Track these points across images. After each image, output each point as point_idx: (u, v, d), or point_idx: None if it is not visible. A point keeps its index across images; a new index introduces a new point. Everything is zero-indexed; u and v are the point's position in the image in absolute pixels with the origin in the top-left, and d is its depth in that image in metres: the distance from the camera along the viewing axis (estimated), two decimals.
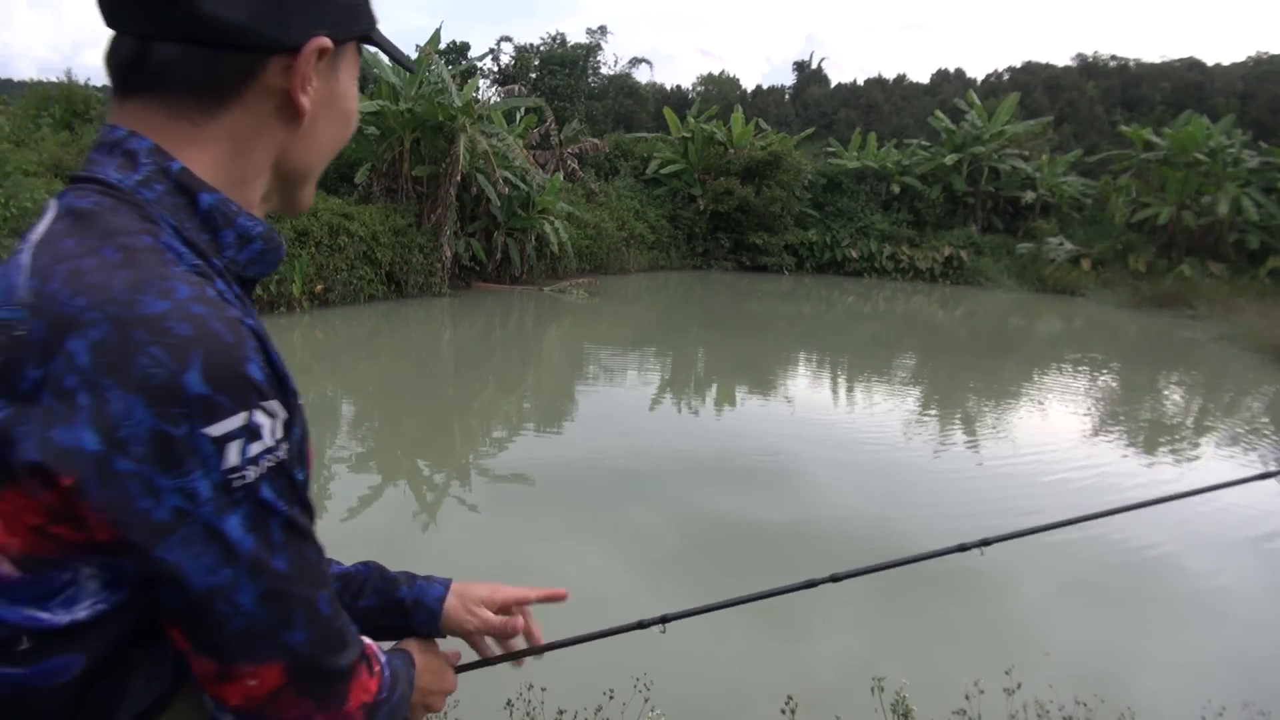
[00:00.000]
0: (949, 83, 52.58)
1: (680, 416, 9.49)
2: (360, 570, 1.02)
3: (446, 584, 1.03)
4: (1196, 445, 9.22)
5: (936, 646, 4.32)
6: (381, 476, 6.78)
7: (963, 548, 1.19)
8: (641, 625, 1.10)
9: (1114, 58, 57.44)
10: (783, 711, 2.29)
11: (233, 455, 0.58)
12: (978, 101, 27.32)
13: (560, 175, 19.37)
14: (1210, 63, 55.32)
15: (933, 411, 10.15)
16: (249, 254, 0.71)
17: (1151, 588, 5.31)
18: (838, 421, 9.46)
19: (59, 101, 16.61)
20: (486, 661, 1.05)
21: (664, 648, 4.06)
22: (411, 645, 0.94)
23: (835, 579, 1.14)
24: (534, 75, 29.48)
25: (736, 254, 24.64)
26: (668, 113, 25.81)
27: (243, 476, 0.59)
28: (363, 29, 0.76)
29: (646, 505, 6.29)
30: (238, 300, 0.68)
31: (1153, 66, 54.63)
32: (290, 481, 0.64)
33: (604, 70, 35.21)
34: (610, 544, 5.57)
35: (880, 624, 4.67)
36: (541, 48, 30.84)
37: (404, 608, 1.00)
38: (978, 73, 75.99)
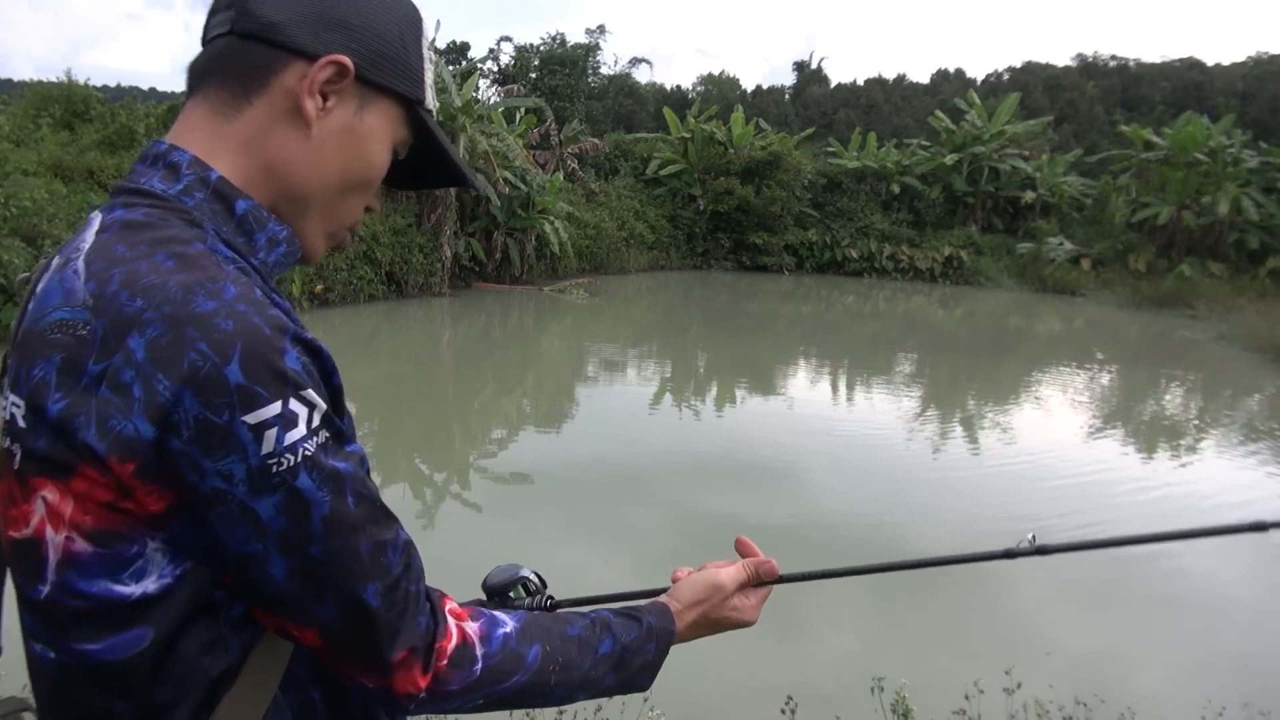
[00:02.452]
0: (949, 83, 52.60)
1: (680, 416, 9.49)
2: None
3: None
4: (1196, 446, 9.22)
5: (936, 646, 4.31)
6: (381, 476, 6.77)
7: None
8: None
9: (1114, 58, 57.53)
10: (783, 711, 2.29)
11: (269, 441, 0.62)
12: (978, 101, 27.33)
13: (560, 175, 19.38)
14: (1210, 63, 55.44)
15: (932, 411, 10.15)
16: (276, 255, 0.77)
17: (1151, 588, 5.30)
18: (837, 421, 9.45)
19: (59, 101, 16.61)
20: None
21: None
22: (685, 588, 0.98)
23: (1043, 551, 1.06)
24: (534, 75, 29.50)
25: (736, 254, 24.65)
26: (668, 113, 25.82)
27: (280, 462, 0.63)
28: (401, 88, 0.79)
29: (646, 505, 6.29)
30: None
31: (1153, 66, 54.69)
32: (329, 474, 0.66)
33: (604, 70, 35.28)
34: (610, 543, 5.57)
35: (880, 624, 4.67)
36: (541, 48, 30.87)
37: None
38: (978, 73, 76.10)
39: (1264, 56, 50.18)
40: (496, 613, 0.82)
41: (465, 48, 29.06)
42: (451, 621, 0.76)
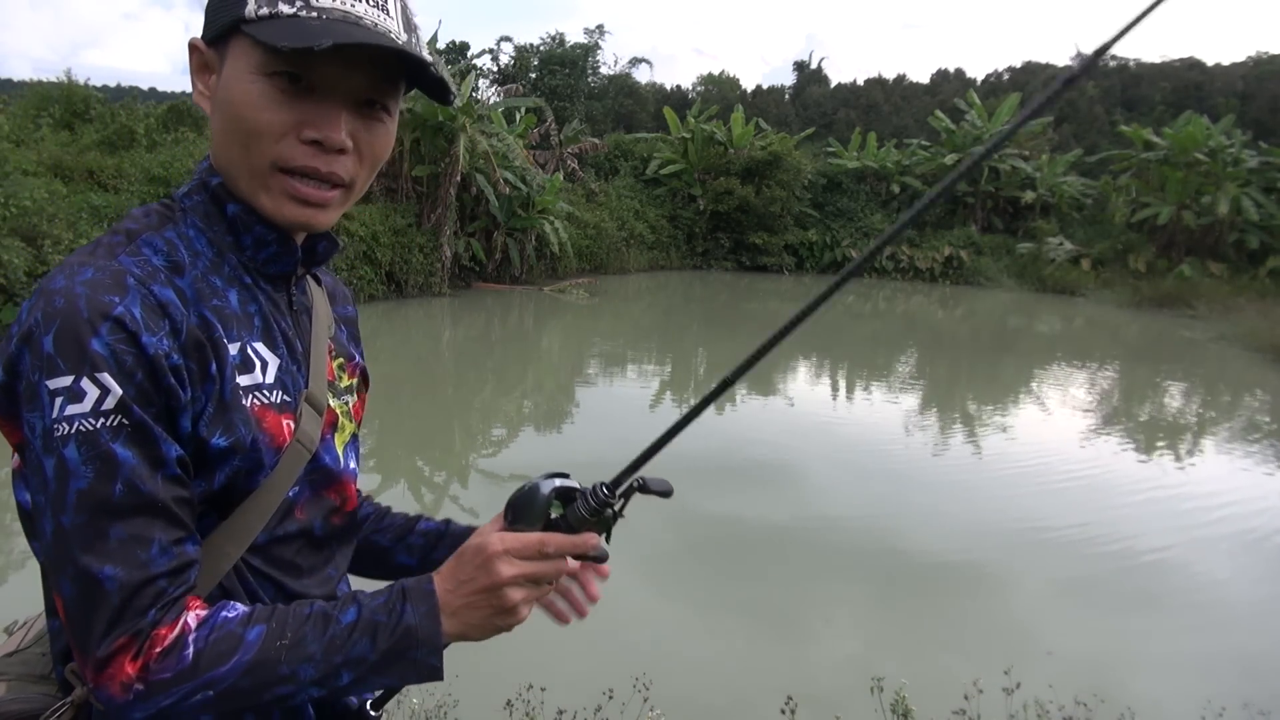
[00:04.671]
0: (949, 83, 52.59)
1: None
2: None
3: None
4: (1196, 446, 9.22)
5: (936, 646, 4.31)
6: (381, 476, 6.77)
7: None
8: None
9: (1114, 58, 57.39)
10: (783, 711, 2.29)
11: (56, 408, 0.70)
12: (978, 101, 27.32)
13: (560, 175, 19.36)
14: (1210, 63, 55.38)
15: (932, 411, 10.15)
16: (266, 255, 0.86)
17: (1151, 588, 5.30)
18: (837, 421, 9.45)
19: (59, 101, 16.59)
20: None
21: (664, 647, 4.05)
22: (445, 568, 0.82)
23: None
24: (534, 75, 29.49)
25: (736, 254, 24.64)
26: (668, 113, 25.80)
27: (59, 428, 0.70)
28: (223, 22, 0.79)
29: (646, 505, 6.25)
30: (247, 290, 0.84)
31: (1153, 66, 54.62)
32: (102, 455, 0.71)
33: (604, 70, 35.27)
34: (609, 544, 5.56)
35: (880, 624, 4.66)
36: (541, 48, 30.87)
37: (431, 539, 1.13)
38: (978, 73, 76.09)
39: (1264, 56, 50.10)
40: (236, 604, 0.77)
41: (465, 48, 29.03)
42: (182, 615, 0.73)
